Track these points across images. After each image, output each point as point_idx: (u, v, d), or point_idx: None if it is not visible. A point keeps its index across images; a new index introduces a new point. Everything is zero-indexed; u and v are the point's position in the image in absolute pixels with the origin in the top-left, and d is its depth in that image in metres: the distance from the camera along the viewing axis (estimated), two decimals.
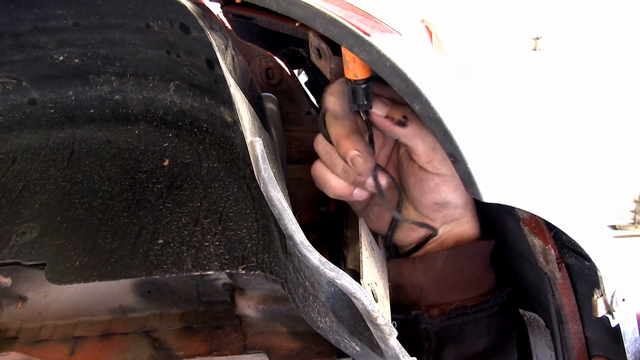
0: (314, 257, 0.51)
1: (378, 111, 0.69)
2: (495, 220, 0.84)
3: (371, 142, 0.72)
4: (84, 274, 0.84)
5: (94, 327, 1.07)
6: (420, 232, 0.81)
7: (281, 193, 0.51)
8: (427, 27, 0.83)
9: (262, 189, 0.51)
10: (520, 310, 0.87)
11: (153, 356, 1.04)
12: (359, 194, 0.77)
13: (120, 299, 1.06)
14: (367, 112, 0.69)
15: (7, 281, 1.02)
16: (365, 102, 0.67)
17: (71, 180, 1.00)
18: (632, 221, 4.28)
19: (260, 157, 0.51)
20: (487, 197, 0.52)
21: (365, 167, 0.70)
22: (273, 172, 0.52)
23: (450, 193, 0.74)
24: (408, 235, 0.82)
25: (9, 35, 0.93)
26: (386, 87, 0.70)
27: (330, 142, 0.75)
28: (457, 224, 0.79)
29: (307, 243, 0.51)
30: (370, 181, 0.73)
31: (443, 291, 0.80)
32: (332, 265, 0.52)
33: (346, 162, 0.71)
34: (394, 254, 0.86)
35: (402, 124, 0.69)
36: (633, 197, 4.23)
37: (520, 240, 0.77)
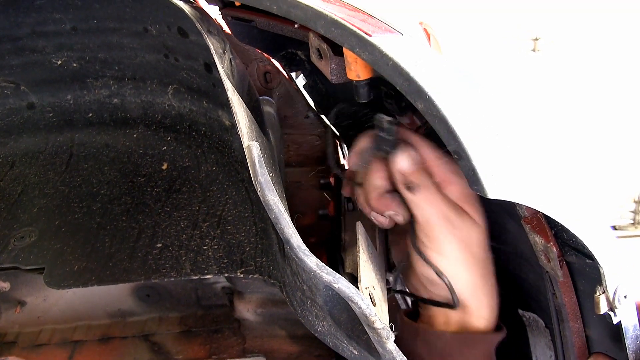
0: (311, 261, 0.51)
1: (399, 163, 0.69)
2: (494, 222, 0.84)
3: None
4: (83, 278, 0.84)
5: (93, 331, 1.07)
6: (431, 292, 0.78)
7: (278, 197, 0.51)
8: (425, 29, 0.83)
9: (258, 193, 0.51)
10: (520, 311, 0.87)
11: None
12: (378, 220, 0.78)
13: (119, 303, 1.06)
14: (387, 152, 0.71)
15: (5, 285, 1.02)
16: (389, 149, 0.69)
17: (70, 184, 1.00)
18: (632, 222, 4.28)
19: (257, 161, 0.51)
20: (492, 193, 0.52)
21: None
22: (270, 175, 0.52)
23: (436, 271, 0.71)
24: (416, 289, 0.80)
25: (8, 40, 0.93)
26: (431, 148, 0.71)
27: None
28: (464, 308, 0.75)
29: (304, 247, 0.51)
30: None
31: None
32: (329, 269, 0.52)
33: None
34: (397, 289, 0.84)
35: (410, 188, 0.69)
36: (633, 197, 4.23)
37: (519, 241, 0.76)
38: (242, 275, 0.82)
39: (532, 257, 0.75)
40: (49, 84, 1.00)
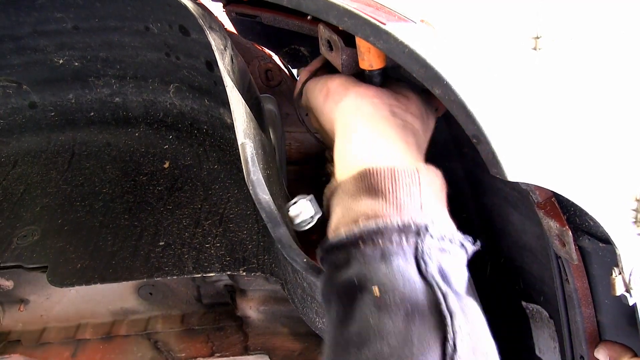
0: (301, 260, 0.51)
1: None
2: (497, 215, 0.84)
3: None
4: (86, 277, 0.84)
5: (96, 329, 1.07)
6: None
7: (269, 196, 0.51)
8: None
9: (251, 192, 0.51)
10: (523, 303, 0.86)
11: (155, 358, 1.04)
12: None
13: (121, 301, 1.06)
14: None
15: (9, 284, 1.03)
16: None
17: (72, 183, 1.00)
18: (634, 220, 4.26)
19: (250, 159, 0.51)
20: (512, 176, 0.52)
21: None
22: (268, 173, 0.52)
23: None
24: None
25: (9, 39, 0.93)
26: None
27: None
28: None
29: (295, 246, 0.51)
30: None
31: None
32: (319, 268, 0.52)
33: None
34: None
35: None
36: (634, 195, 4.22)
37: (523, 232, 0.76)
38: (244, 273, 0.82)
39: (536, 247, 0.75)
40: (51, 83, 1.00)
